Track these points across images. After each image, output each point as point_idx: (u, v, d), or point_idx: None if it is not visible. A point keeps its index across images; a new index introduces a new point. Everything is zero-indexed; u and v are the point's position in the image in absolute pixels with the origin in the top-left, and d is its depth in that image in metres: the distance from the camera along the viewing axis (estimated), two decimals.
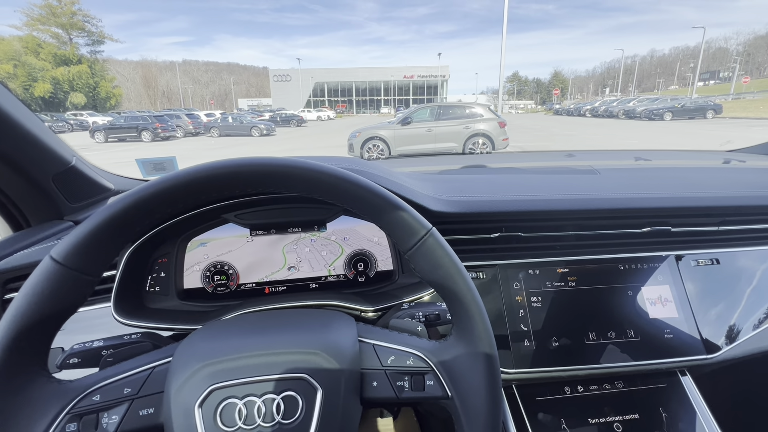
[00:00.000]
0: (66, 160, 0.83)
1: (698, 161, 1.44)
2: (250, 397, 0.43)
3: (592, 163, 1.21)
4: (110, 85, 57.96)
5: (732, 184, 0.98)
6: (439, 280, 0.47)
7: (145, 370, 0.45)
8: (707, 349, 0.80)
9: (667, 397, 0.79)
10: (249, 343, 0.47)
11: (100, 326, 0.72)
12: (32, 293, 0.39)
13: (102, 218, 0.41)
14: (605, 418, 0.76)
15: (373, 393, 0.47)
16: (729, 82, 75.30)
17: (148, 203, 0.43)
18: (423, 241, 0.46)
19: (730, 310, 0.85)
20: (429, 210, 0.75)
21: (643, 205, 0.84)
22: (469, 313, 0.46)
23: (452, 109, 9.33)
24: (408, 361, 0.48)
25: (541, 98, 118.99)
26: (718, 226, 0.90)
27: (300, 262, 0.81)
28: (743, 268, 0.89)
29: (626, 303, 0.81)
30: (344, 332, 0.49)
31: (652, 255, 0.86)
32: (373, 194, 0.46)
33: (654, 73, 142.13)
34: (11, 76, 44.82)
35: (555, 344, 0.78)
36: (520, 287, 0.81)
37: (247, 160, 0.44)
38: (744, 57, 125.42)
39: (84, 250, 0.41)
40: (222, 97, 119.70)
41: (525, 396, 0.77)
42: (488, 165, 1.36)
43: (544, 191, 0.87)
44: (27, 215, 0.84)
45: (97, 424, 0.42)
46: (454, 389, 0.47)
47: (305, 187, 0.46)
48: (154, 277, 0.75)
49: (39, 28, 54.48)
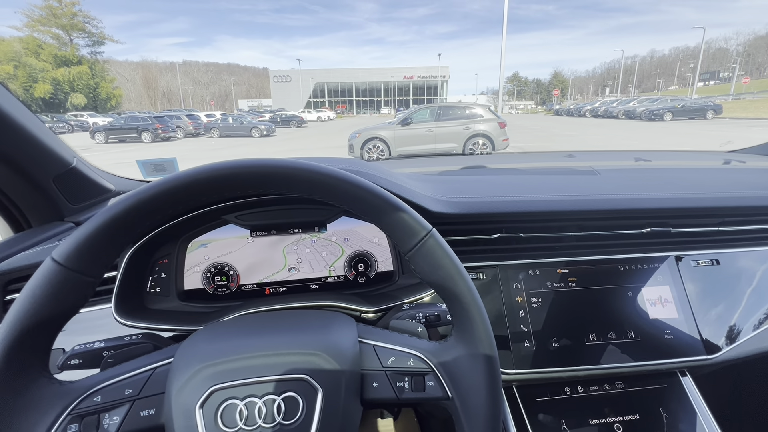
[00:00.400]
0: (67, 161, 0.83)
1: (698, 162, 1.44)
2: (251, 398, 0.43)
3: (592, 164, 1.21)
4: (110, 86, 58.03)
5: (732, 185, 0.98)
6: (439, 281, 0.47)
7: (146, 371, 0.46)
8: (707, 349, 0.80)
9: (667, 397, 0.79)
10: (250, 344, 0.47)
11: (101, 327, 0.72)
12: (33, 294, 0.40)
13: (103, 219, 0.41)
14: (605, 418, 0.76)
15: (374, 394, 0.47)
16: (729, 82, 75.32)
17: (149, 204, 0.43)
18: (423, 242, 0.47)
19: (730, 310, 0.85)
20: (429, 211, 0.75)
21: (643, 205, 0.84)
22: (469, 314, 0.47)
23: (452, 109, 9.34)
24: (408, 362, 0.48)
25: (541, 99, 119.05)
26: (718, 226, 0.90)
27: (300, 263, 0.82)
28: (743, 269, 0.89)
29: (626, 303, 0.82)
30: (344, 333, 0.49)
31: (652, 255, 0.86)
32: (373, 195, 0.46)
33: (654, 74, 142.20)
34: (11, 77, 44.87)
35: (555, 345, 0.78)
36: (520, 288, 0.81)
37: (248, 162, 0.44)
38: (744, 57, 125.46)
39: (85, 252, 0.41)
40: (222, 97, 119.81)
41: (525, 396, 0.77)
42: (488, 166, 1.36)
43: (544, 192, 0.87)
44: (28, 216, 0.84)
45: (98, 424, 0.42)
46: (454, 390, 0.47)
47: (305, 188, 0.46)
48: (154, 278, 0.75)
49: (39, 29, 54.57)
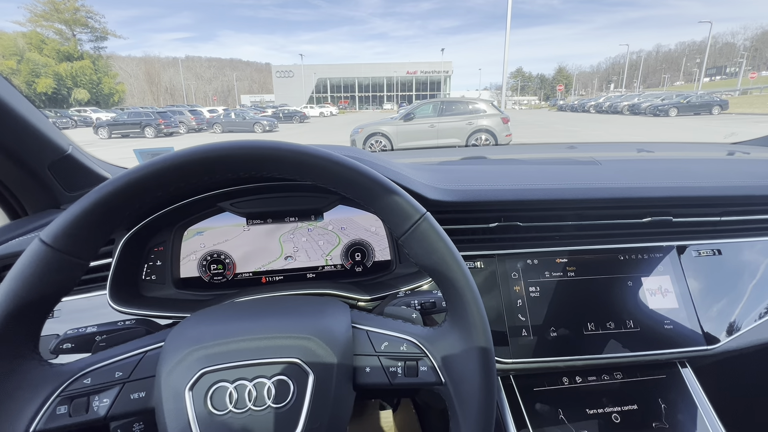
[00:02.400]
0: (62, 148, 0.83)
1: (702, 153, 1.42)
2: (241, 381, 0.42)
3: (593, 155, 1.19)
4: (113, 81, 58.18)
5: (735, 175, 0.96)
6: (433, 265, 0.46)
7: (137, 354, 0.45)
8: (707, 340, 0.79)
9: (666, 388, 0.78)
10: (241, 327, 0.46)
11: (98, 316, 0.72)
12: (21, 275, 0.39)
13: (91, 200, 0.41)
14: (603, 408, 0.75)
15: (366, 379, 0.47)
16: (735, 77, 74.46)
17: (138, 185, 0.42)
18: (417, 225, 0.46)
19: (731, 301, 0.84)
20: (426, 198, 0.75)
21: (643, 194, 0.83)
22: (463, 298, 0.46)
23: (455, 104, 9.28)
24: (401, 347, 0.48)
25: (545, 94, 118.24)
26: (720, 216, 0.88)
27: (297, 251, 0.81)
28: (745, 259, 0.88)
29: (626, 293, 0.81)
30: (337, 318, 0.49)
31: (653, 245, 0.85)
32: (366, 178, 0.46)
33: (659, 69, 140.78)
34: (14, 72, 44.99)
35: (553, 334, 0.77)
36: (519, 277, 0.80)
37: (240, 143, 0.44)
38: (751, 52, 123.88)
39: (73, 233, 0.41)
40: (225, 93, 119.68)
41: (523, 386, 0.77)
42: (488, 156, 1.35)
43: (543, 181, 0.86)
44: (24, 203, 0.84)
45: (87, 406, 0.42)
46: (447, 375, 0.46)
47: (297, 170, 0.45)
48: (150, 266, 0.75)
49: (43, 24, 54.66)
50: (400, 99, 73.49)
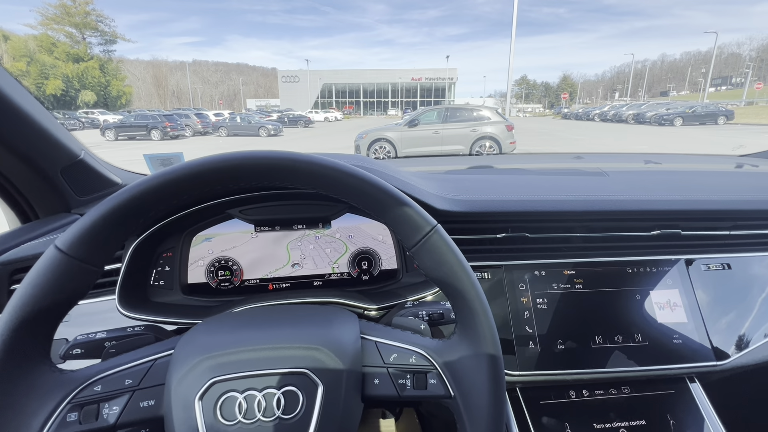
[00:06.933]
0: (74, 153, 0.83)
1: (710, 165, 1.42)
2: (251, 391, 0.42)
3: (600, 166, 1.19)
4: (122, 83, 58.78)
5: (745, 188, 0.96)
6: (443, 277, 0.46)
7: (147, 361, 0.45)
8: (717, 355, 0.78)
9: (674, 403, 0.77)
10: (250, 336, 0.46)
11: (106, 320, 0.72)
12: (36, 282, 0.40)
13: (107, 208, 0.41)
14: (611, 423, 0.74)
15: (375, 391, 0.46)
16: (741, 87, 74.28)
17: (153, 194, 0.42)
18: (428, 237, 0.46)
19: (741, 316, 0.83)
20: (435, 209, 0.75)
21: (652, 207, 0.83)
22: (473, 311, 0.46)
23: (459, 111, 9.31)
24: (410, 360, 0.47)
25: (550, 102, 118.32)
26: (729, 230, 0.88)
27: (304, 259, 0.81)
28: (755, 274, 0.87)
29: (634, 307, 0.80)
30: (347, 329, 0.49)
31: (662, 258, 0.84)
32: (378, 189, 0.46)
33: (664, 78, 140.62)
34: (24, 74, 45.58)
35: (561, 347, 0.76)
36: (526, 288, 0.80)
37: (254, 153, 0.44)
38: (757, 63, 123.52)
39: (88, 240, 0.41)
40: (231, 97, 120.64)
41: (529, 399, 0.76)
42: (495, 166, 1.35)
43: (551, 192, 0.86)
44: (35, 207, 0.85)
45: (97, 414, 0.42)
46: (456, 389, 0.46)
47: (310, 181, 0.45)
48: (158, 271, 0.75)
49: (53, 27, 55.45)
50: (404, 105, 73.77)
